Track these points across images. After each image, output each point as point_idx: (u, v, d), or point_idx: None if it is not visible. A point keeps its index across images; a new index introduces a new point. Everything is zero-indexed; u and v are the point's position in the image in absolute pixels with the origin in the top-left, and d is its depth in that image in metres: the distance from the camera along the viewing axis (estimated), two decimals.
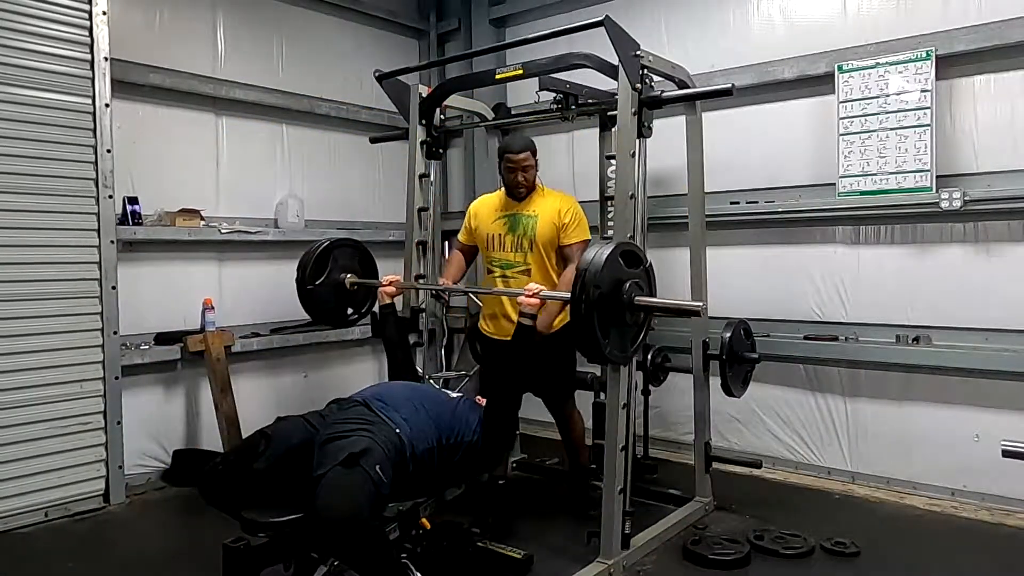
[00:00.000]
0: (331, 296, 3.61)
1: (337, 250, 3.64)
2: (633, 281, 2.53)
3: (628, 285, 2.51)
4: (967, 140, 3.72)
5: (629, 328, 2.60)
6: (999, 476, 3.57)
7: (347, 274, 3.61)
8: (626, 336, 2.61)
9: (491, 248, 3.58)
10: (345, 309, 3.68)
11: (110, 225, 3.78)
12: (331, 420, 2.49)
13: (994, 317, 3.65)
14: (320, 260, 3.56)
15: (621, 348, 2.62)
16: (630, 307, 2.53)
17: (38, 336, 3.55)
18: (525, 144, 3.51)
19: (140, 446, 4.11)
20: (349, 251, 3.69)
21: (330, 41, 5.20)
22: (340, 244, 3.68)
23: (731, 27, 4.44)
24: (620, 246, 2.57)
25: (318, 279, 3.55)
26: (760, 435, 4.40)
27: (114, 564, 3.18)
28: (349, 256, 3.68)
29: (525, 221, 3.50)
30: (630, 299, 2.52)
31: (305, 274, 3.54)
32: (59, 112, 3.61)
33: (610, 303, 2.49)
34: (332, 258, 3.61)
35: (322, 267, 3.57)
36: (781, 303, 4.27)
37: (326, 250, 3.59)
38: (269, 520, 2.26)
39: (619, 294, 2.52)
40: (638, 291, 2.55)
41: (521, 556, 2.99)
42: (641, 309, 2.59)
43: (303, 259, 3.60)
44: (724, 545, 3.17)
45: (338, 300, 3.64)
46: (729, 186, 4.32)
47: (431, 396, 2.77)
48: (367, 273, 3.70)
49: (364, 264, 3.74)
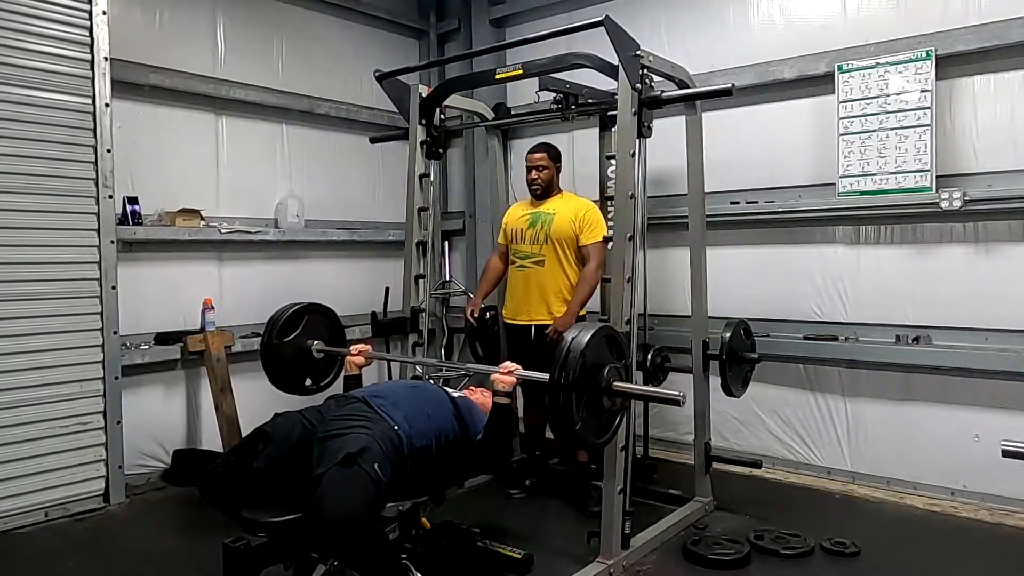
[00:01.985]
0: (294, 361, 3.32)
1: (309, 315, 3.37)
2: (612, 366, 2.46)
3: (608, 370, 2.43)
4: (967, 140, 3.72)
5: (606, 413, 2.51)
6: (999, 476, 3.57)
7: (315, 341, 3.33)
8: (603, 421, 2.52)
9: (514, 241, 3.88)
10: (305, 378, 3.37)
11: (110, 225, 3.78)
12: (329, 416, 2.48)
13: (994, 317, 3.65)
14: (290, 322, 3.31)
15: (597, 433, 2.52)
16: (608, 392, 2.45)
17: (38, 336, 3.55)
18: (542, 147, 3.84)
19: (140, 446, 4.12)
20: (321, 318, 3.42)
21: (330, 41, 5.20)
22: (313, 309, 3.41)
23: (731, 27, 4.43)
24: (603, 329, 2.53)
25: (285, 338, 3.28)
26: (760, 435, 4.40)
27: (114, 564, 3.17)
28: (320, 323, 3.41)
29: (544, 217, 3.77)
30: (608, 384, 2.43)
31: (272, 333, 3.28)
32: (59, 112, 3.61)
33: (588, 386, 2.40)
34: (304, 322, 3.34)
35: (291, 329, 3.30)
36: (781, 303, 4.27)
37: (298, 313, 3.33)
38: (269, 520, 2.26)
39: (598, 378, 2.42)
40: (617, 376, 2.47)
41: (521, 556, 2.99)
42: (619, 395, 2.49)
43: (272, 317, 3.33)
44: (724, 545, 3.17)
45: (300, 367, 3.34)
46: (729, 186, 4.32)
47: (431, 394, 2.77)
48: (335, 343, 3.42)
49: (334, 333, 3.47)
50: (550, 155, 3.80)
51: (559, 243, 3.71)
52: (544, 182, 3.80)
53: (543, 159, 3.79)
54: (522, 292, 3.81)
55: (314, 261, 5.10)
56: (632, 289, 3.03)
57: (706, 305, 3.65)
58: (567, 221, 3.70)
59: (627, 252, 3.01)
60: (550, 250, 3.72)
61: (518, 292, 3.85)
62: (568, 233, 3.70)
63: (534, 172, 3.80)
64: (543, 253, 3.74)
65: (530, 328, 3.75)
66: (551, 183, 3.82)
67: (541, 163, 3.79)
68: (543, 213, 3.78)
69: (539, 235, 3.75)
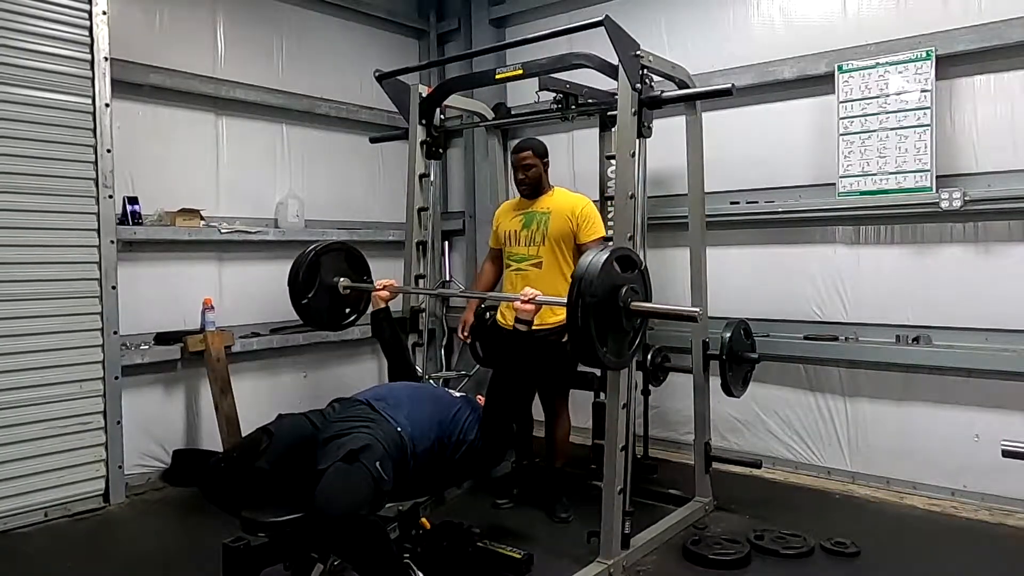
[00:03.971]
0: (326, 302, 3.51)
1: (327, 255, 3.52)
2: (629, 286, 2.51)
3: (624, 290, 2.48)
4: (967, 140, 3.72)
5: (626, 333, 2.57)
6: (999, 476, 3.57)
7: (340, 278, 3.51)
8: (623, 341, 2.58)
9: (508, 244, 3.72)
10: (341, 313, 3.59)
11: (110, 225, 3.78)
12: (332, 418, 2.49)
13: (994, 317, 3.65)
14: (311, 268, 3.45)
15: (618, 353, 2.59)
16: (626, 312, 2.50)
17: (38, 336, 3.55)
18: (526, 145, 3.63)
19: (140, 446, 4.12)
20: (339, 255, 3.58)
21: (330, 41, 5.20)
22: (329, 249, 3.55)
23: (731, 27, 4.44)
24: (616, 251, 2.55)
25: (311, 287, 3.44)
26: (760, 435, 4.40)
27: (114, 564, 3.17)
28: (340, 260, 3.57)
29: (539, 217, 3.62)
30: (626, 304, 2.49)
31: (298, 282, 3.43)
32: (59, 112, 3.61)
33: (606, 309, 2.46)
34: (322, 264, 3.49)
35: (314, 274, 3.46)
36: (781, 303, 4.27)
37: (316, 257, 3.47)
38: (269, 520, 2.26)
39: (615, 300, 2.48)
40: (634, 296, 2.53)
41: (521, 556, 2.99)
42: (637, 314, 2.55)
43: (294, 267, 3.46)
44: (724, 545, 3.17)
45: (333, 305, 3.54)
46: (729, 186, 4.32)
47: (433, 395, 2.77)
48: (359, 274, 3.61)
49: (356, 266, 3.62)
50: (536, 152, 3.61)
51: (557, 243, 3.56)
52: (532, 181, 3.62)
53: (529, 157, 3.59)
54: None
55: None
56: None
57: (706, 305, 3.65)
58: (563, 219, 3.56)
59: None
60: (548, 251, 3.57)
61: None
62: (566, 232, 3.56)
63: (521, 172, 3.62)
64: (541, 255, 3.58)
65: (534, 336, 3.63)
66: (540, 181, 3.64)
67: (527, 161, 3.60)
68: (537, 213, 3.62)
69: (535, 236, 3.60)
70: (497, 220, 3.86)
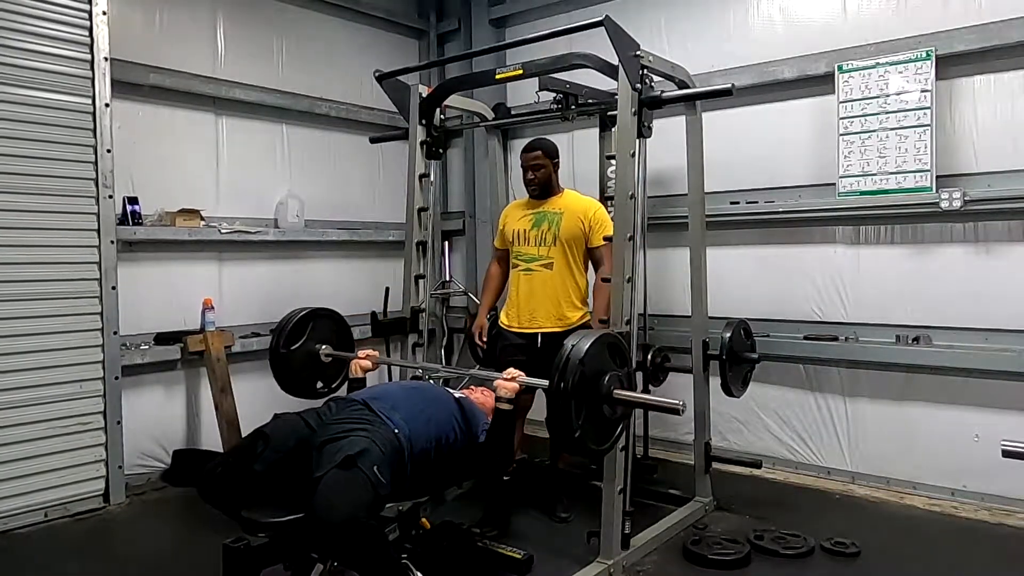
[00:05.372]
0: (303, 366, 3.37)
1: (316, 320, 3.40)
2: (614, 374, 2.45)
3: (608, 378, 2.42)
4: (967, 140, 3.72)
5: (607, 421, 2.50)
6: (999, 476, 3.57)
7: (322, 345, 3.37)
8: (603, 429, 2.51)
9: (516, 243, 3.66)
10: (315, 381, 3.42)
11: (110, 225, 3.78)
12: (329, 420, 2.48)
13: (994, 317, 3.65)
14: (297, 328, 3.33)
15: (597, 441, 2.50)
16: (608, 400, 2.42)
17: (38, 336, 3.55)
18: (537, 144, 3.61)
19: (140, 446, 4.12)
20: (328, 322, 3.46)
21: (330, 41, 5.20)
22: (319, 314, 3.44)
23: (731, 27, 4.44)
24: (604, 336, 2.52)
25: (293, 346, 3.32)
26: (760, 435, 4.40)
27: (114, 564, 3.18)
28: (327, 327, 3.44)
29: (551, 217, 3.57)
30: (608, 392, 2.41)
31: (280, 340, 3.31)
32: (59, 112, 3.61)
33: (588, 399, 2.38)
34: (310, 327, 3.37)
35: (298, 335, 3.34)
36: (781, 303, 4.27)
37: (305, 318, 3.36)
38: (269, 520, 2.26)
39: (598, 389, 2.40)
40: (618, 384, 2.45)
41: (521, 556, 2.99)
42: (620, 403, 2.47)
43: (280, 324, 3.36)
44: (724, 545, 3.17)
45: (310, 371, 3.39)
46: (729, 186, 4.32)
47: (431, 396, 2.76)
48: (343, 345, 3.46)
49: (341, 336, 3.50)
50: (546, 152, 3.58)
51: (568, 244, 3.51)
52: (542, 181, 3.58)
53: (539, 157, 3.56)
54: (528, 297, 3.58)
55: (314, 261, 5.09)
56: (632, 289, 3.03)
57: (706, 305, 3.65)
58: (576, 220, 3.51)
59: (627, 252, 3.00)
60: (559, 252, 3.51)
61: (523, 298, 3.60)
62: (577, 233, 3.51)
63: (531, 172, 3.57)
64: (551, 255, 3.52)
65: (536, 336, 3.54)
66: (550, 181, 3.60)
67: (537, 162, 3.56)
68: (549, 212, 3.57)
69: (546, 236, 3.54)
70: (504, 220, 3.81)
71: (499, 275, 3.86)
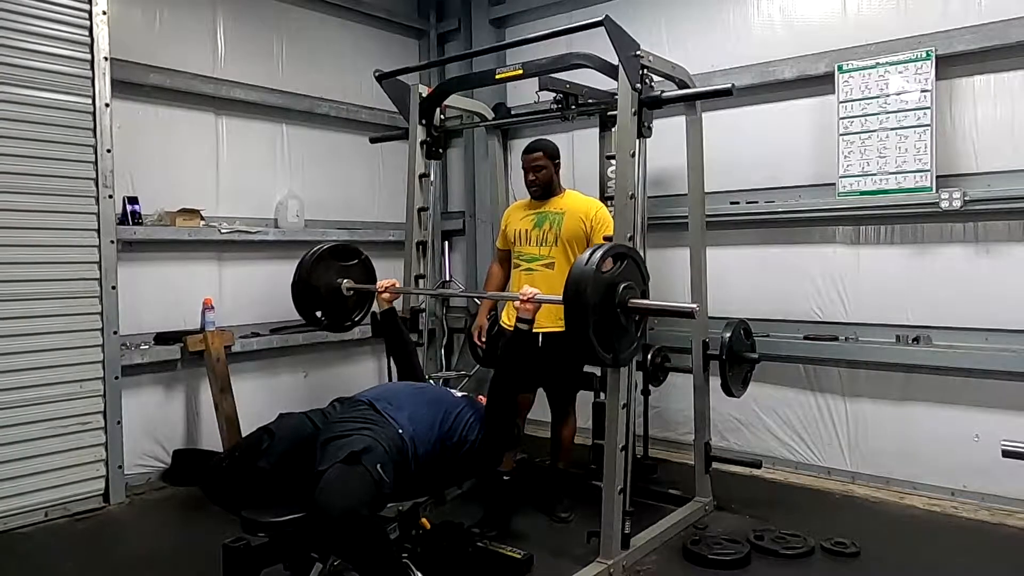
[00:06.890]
0: (328, 303, 3.52)
1: (333, 256, 3.54)
2: (626, 284, 2.49)
3: (622, 288, 2.47)
4: (967, 140, 3.72)
5: (624, 331, 2.56)
6: (999, 476, 3.57)
7: (344, 279, 3.52)
8: (622, 339, 2.58)
9: (518, 243, 3.67)
10: (343, 315, 3.59)
11: (110, 225, 3.78)
12: (333, 419, 2.49)
13: (994, 317, 3.65)
14: (316, 266, 3.46)
15: (617, 351, 2.58)
16: (624, 310, 2.48)
17: (38, 336, 3.55)
18: (538, 145, 3.62)
19: (140, 446, 4.12)
20: (345, 255, 3.59)
21: (330, 41, 5.20)
22: (336, 249, 3.57)
23: (731, 27, 4.43)
24: (613, 248, 2.54)
25: (315, 286, 3.46)
26: (760, 435, 4.40)
27: (114, 564, 3.17)
28: (345, 261, 3.58)
29: (552, 217, 3.58)
30: (623, 302, 2.47)
31: (300, 281, 3.44)
32: (59, 112, 3.61)
33: (603, 307, 2.44)
34: (328, 264, 3.51)
35: (318, 273, 3.47)
36: (781, 303, 4.27)
37: (322, 256, 3.49)
38: (269, 520, 2.26)
39: (612, 297, 2.46)
40: (631, 293, 2.51)
41: (521, 556, 2.99)
42: (635, 311, 2.54)
43: (299, 267, 3.48)
44: (724, 545, 3.17)
45: (335, 307, 3.55)
46: (729, 186, 4.32)
47: (435, 396, 2.76)
48: (364, 276, 3.61)
49: (361, 268, 3.64)
50: (547, 153, 3.58)
51: (570, 245, 3.51)
52: (543, 182, 3.58)
53: (540, 158, 3.56)
54: None
55: None
56: None
57: (706, 305, 3.65)
58: (577, 221, 3.51)
59: None
60: (560, 252, 3.51)
61: None
62: (579, 234, 3.50)
63: (532, 173, 3.58)
64: (553, 255, 3.52)
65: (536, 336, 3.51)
66: (551, 182, 3.61)
67: (538, 163, 3.56)
68: (551, 213, 3.58)
69: (547, 236, 3.55)
70: (506, 220, 3.82)
71: (500, 275, 3.87)
